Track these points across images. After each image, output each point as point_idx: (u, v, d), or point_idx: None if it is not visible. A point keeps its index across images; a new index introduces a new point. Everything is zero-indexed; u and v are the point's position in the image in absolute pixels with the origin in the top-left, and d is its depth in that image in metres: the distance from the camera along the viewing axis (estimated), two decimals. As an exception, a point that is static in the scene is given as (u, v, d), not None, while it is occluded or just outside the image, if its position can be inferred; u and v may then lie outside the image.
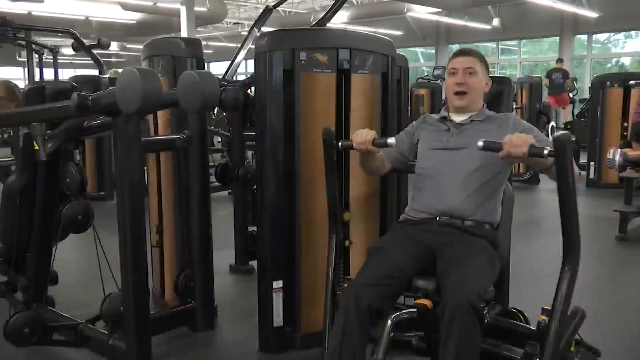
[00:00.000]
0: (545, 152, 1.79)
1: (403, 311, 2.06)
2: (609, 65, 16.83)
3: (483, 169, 2.20)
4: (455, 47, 18.10)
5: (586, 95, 12.67)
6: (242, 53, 4.27)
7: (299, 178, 2.68)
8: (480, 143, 1.90)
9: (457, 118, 2.33)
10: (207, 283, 3.06)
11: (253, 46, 2.85)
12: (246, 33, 4.49)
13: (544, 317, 1.93)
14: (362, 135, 2.17)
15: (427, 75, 12.70)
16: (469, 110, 2.32)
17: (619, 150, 5.37)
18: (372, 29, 15.96)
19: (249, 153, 4.94)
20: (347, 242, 2.63)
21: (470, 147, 2.21)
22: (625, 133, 7.23)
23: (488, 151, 1.94)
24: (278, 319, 2.74)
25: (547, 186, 7.58)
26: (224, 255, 4.16)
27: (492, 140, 1.93)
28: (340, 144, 2.25)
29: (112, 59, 25.85)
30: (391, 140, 2.12)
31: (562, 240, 1.92)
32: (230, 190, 6.21)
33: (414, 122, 2.48)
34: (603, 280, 3.98)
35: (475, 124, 2.29)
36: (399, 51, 3.08)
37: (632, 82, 6.39)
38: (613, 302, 3.52)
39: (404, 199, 3.64)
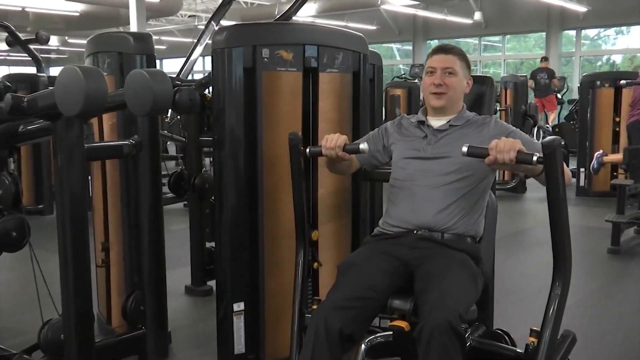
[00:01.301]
0: (534, 158, 1.83)
1: (378, 334, 2.07)
2: (599, 63, 17.24)
3: (464, 178, 2.23)
4: (434, 43, 18.35)
5: (575, 95, 12.95)
6: (199, 49, 4.25)
7: (262, 188, 2.68)
8: (465, 148, 1.94)
9: (435, 123, 2.36)
10: (160, 306, 3.04)
11: (210, 41, 2.85)
12: (203, 27, 4.49)
13: (532, 339, 1.96)
14: (332, 141, 2.22)
15: (404, 73, 12.86)
16: (448, 112, 2.35)
17: (596, 154, 5.52)
18: (343, 23, 16.06)
19: (207, 160, 4.92)
20: (315, 265, 2.63)
21: (449, 155, 2.24)
22: (617, 129, 7.37)
23: (473, 157, 1.97)
24: (239, 346, 2.73)
25: (534, 195, 7.71)
26: (178, 275, 4.13)
27: (477, 146, 1.97)
28: (308, 150, 2.29)
29: (52, 55, 25.50)
30: (363, 145, 2.20)
31: (553, 253, 1.96)
32: (185, 202, 6.18)
33: (388, 123, 2.50)
34: (595, 296, 4.06)
35: (454, 130, 2.32)
36: (373, 47, 3.11)
37: (623, 81, 6.54)
38: (605, 320, 3.59)
39: (379, 210, 3.67)
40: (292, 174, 2.33)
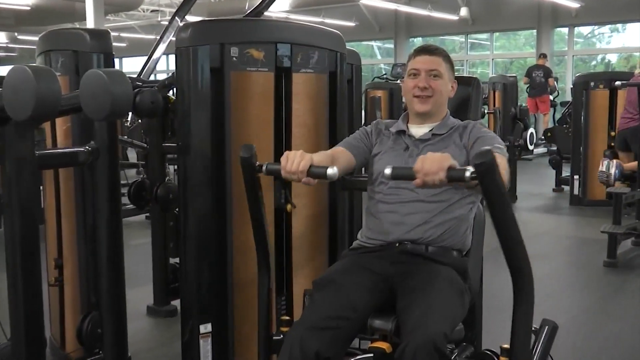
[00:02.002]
0: (467, 174, 1.72)
1: (358, 357, 2.07)
2: (593, 62, 17.49)
3: (450, 189, 2.24)
4: (418, 41, 18.49)
5: (568, 97, 13.10)
6: (162, 47, 4.26)
7: (231, 198, 2.68)
8: (388, 171, 1.84)
9: (417, 131, 2.38)
10: (119, 329, 3.01)
11: (174, 39, 2.85)
12: (167, 23, 4.49)
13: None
14: (293, 163, 2.01)
15: (385, 74, 12.91)
16: (431, 118, 2.37)
17: (614, 161, 5.54)
18: (319, 20, 16.13)
19: (171, 168, 4.90)
20: (288, 207, 2.60)
21: None
22: (612, 134, 7.47)
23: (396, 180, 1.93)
24: (207, 371, 2.72)
25: (525, 204, 7.78)
26: (139, 294, 4.10)
27: (402, 167, 1.94)
28: (264, 167, 2.09)
29: (0, 53, 25.24)
30: (331, 171, 1.99)
31: (510, 272, 1.94)
32: (147, 214, 6.14)
33: (367, 127, 2.50)
34: (590, 313, 4.10)
35: (437, 139, 2.34)
36: (351, 46, 3.13)
37: (618, 82, 6.63)
38: (602, 337, 3.64)
39: (358, 221, 3.68)
40: (248, 195, 2.17)
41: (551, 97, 13.13)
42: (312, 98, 2.81)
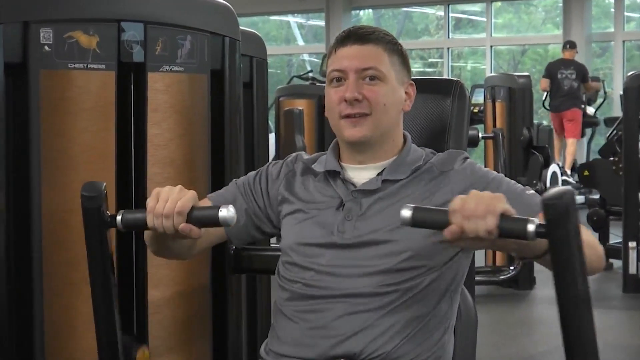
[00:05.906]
0: (530, 228, 1.83)
1: None
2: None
3: (415, 277, 2.29)
4: (366, 15, 18.74)
5: (616, 111, 13.38)
6: None
7: (42, 288, 2.65)
8: (407, 213, 1.95)
9: (358, 175, 2.40)
10: None
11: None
12: None
13: None
14: (166, 200, 2.15)
15: (311, 70, 12.99)
16: (378, 152, 2.40)
17: None
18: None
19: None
20: None
21: (385, 238, 2.30)
22: None
23: (419, 228, 2.01)
24: None
25: (549, 292, 7.78)
26: None
27: (428, 207, 2.03)
28: (119, 218, 2.24)
29: None
30: (226, 212, 2.14)
31: None
32: None
33: (271, 167, 2.55)
34: None
35: (392, 188, 2.36)
36: (252, 24, 3.19)
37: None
38: None
39: (263, 327, 3.70)
40: (91, 262, 2.26)
41: (590, 110, 13.35)
42: (183, 115, 2.83)
